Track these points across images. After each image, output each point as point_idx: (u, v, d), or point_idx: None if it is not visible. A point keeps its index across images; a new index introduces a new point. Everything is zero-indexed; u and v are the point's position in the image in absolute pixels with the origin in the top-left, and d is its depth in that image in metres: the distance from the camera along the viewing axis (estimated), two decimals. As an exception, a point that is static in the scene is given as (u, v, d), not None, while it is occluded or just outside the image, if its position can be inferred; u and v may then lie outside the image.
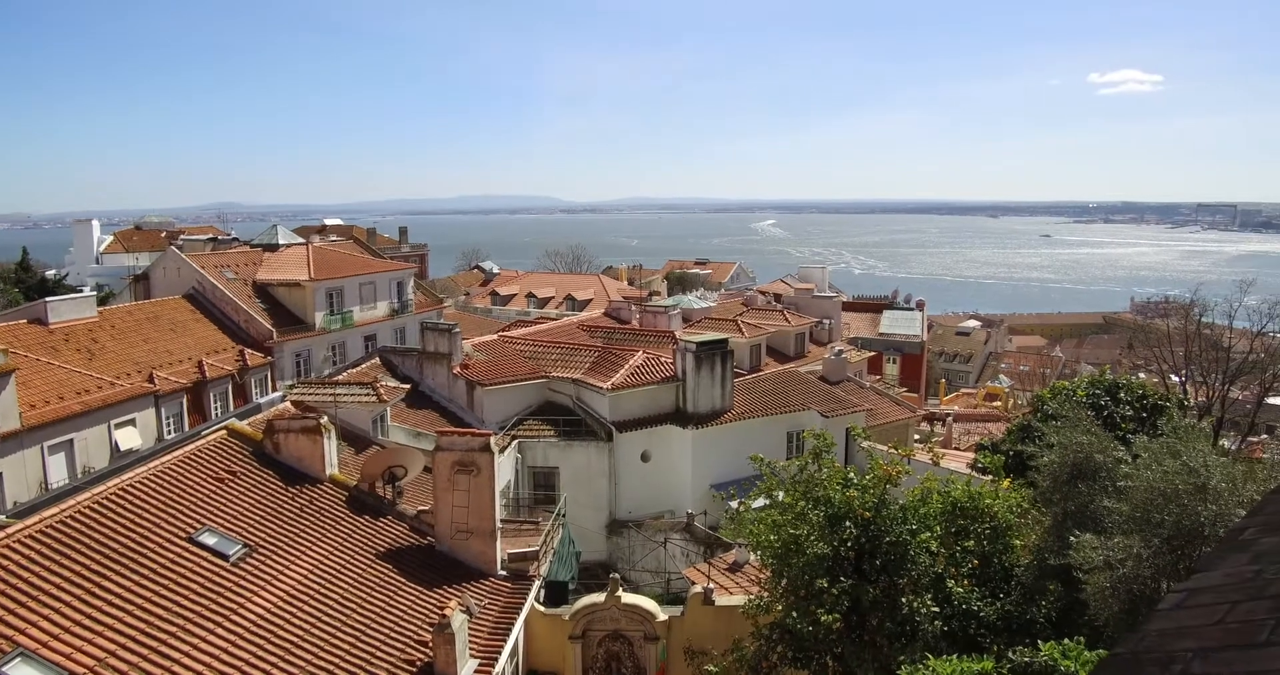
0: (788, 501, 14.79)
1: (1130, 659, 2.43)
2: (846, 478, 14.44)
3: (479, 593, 17.10)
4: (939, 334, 78.98)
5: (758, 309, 45.38)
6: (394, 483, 19.03)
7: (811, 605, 13.55)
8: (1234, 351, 39.55)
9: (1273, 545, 3.09)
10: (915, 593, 13.25)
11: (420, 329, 33.21)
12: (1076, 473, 13.00)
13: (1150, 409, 20.50)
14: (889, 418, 35.40)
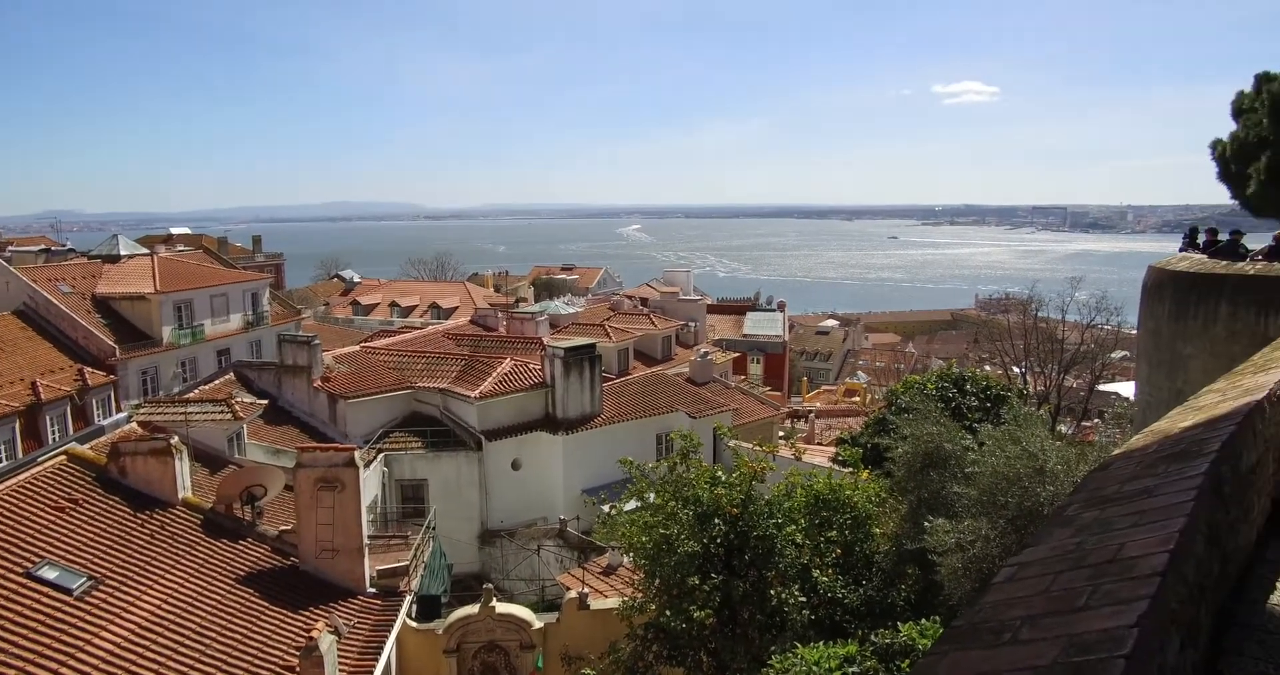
0: (658, 502, 14.99)
1: (968, 630, 2.60)
2: (714, 476, 14.75)
3: (348, 612, 16.58)
4: (800, 334, 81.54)
5: (625, 313, 45.72)
6: (253, 503, 18.23)
7: (684, 603, 13.77)
8: (1067, 343, 42.51)
9: (1092, 519, 3.37)
10: (783, 584, 13.66)
11: (277, 342, 31.95)
12: (928, 462, 13.70)
13: (994, 399, 21.81)
14: (755, 416, 36.31)
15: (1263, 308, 15.56)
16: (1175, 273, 18.13)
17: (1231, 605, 3.97)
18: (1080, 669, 2.03)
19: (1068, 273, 53.90)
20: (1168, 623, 2.37)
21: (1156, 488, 3.36)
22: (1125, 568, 2.59)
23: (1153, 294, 18.57)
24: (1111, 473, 4.11)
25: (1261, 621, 3.87)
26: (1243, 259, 18.04)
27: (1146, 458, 4.12)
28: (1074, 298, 43.39)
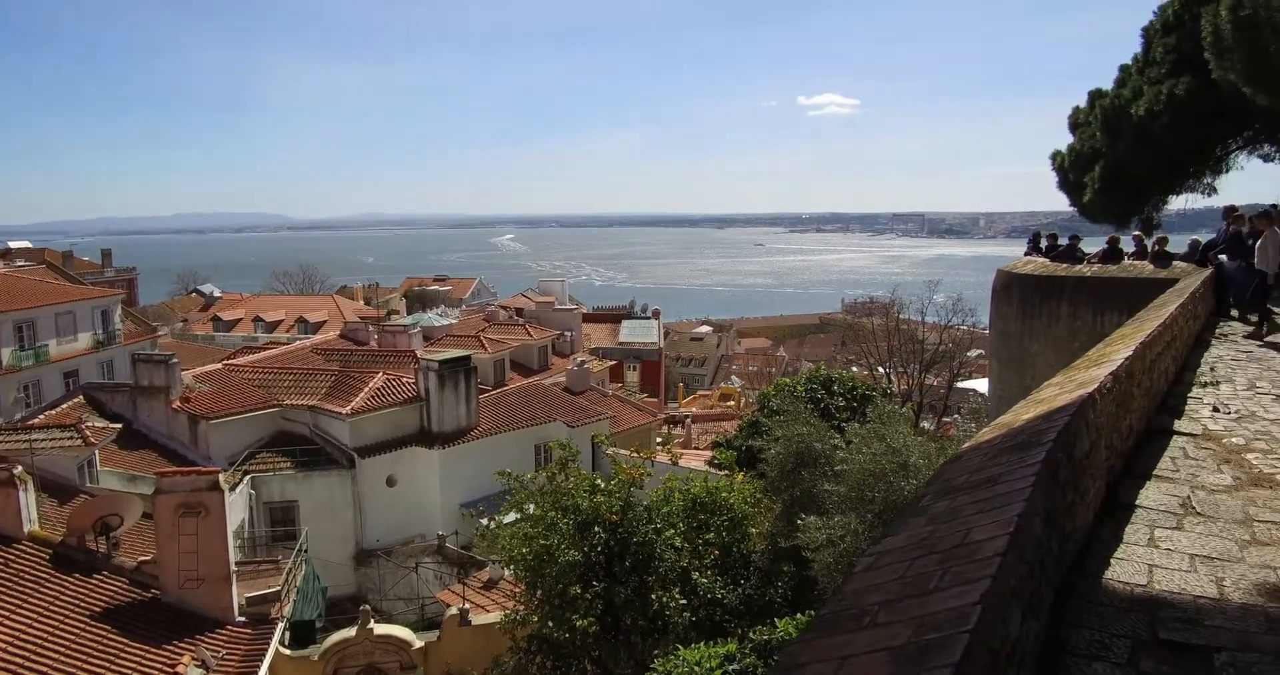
0: (538, 513, 14.94)
1: (831, 618, 2.74)
2: (593, 484, 14.80)
3: (216, 643, 15.82)
4: (675, 340, 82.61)
5: (500, 324, 45.37)
6: (108, 534, 17.18)
7: (567, 612, 13.76)
8: (927, 343, 44.62)
9: (944, 508, 3.59)
10: (664, 588, 13.82)
11: (131, 361, 30.25)
12: (799, 461, 14.14)
13: (860, 399, 22.69)
14: (632, 423, 36.60)
15: (1099, 307, 16.77)
16: (1021, 276, 19.32)
17: (1072, 580, 4.29)
18: (929, 646, 2.18)
19: (927, 276, 56.59)
20: (1009, 598, 2.56)
21: (1000, 476, 3.61)
22: (971, 551, 2.78)
23: (1001, 296, 19.76)
24: (961, 464, 4.39)
25: (1099, 595, 4.20)
26: (1081, 262, 19.41)
27: (992, 449, 4.41)
28: (932, 300, 45.64)
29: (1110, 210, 25.83)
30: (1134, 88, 25.50)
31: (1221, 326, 13.49)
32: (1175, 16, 25.27)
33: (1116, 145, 25.23)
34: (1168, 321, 8.15)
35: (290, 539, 24.40)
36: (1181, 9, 24.96)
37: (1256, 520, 5.26)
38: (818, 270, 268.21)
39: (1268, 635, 3.79)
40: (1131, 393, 6.18)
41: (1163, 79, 24.17)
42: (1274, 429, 7.50)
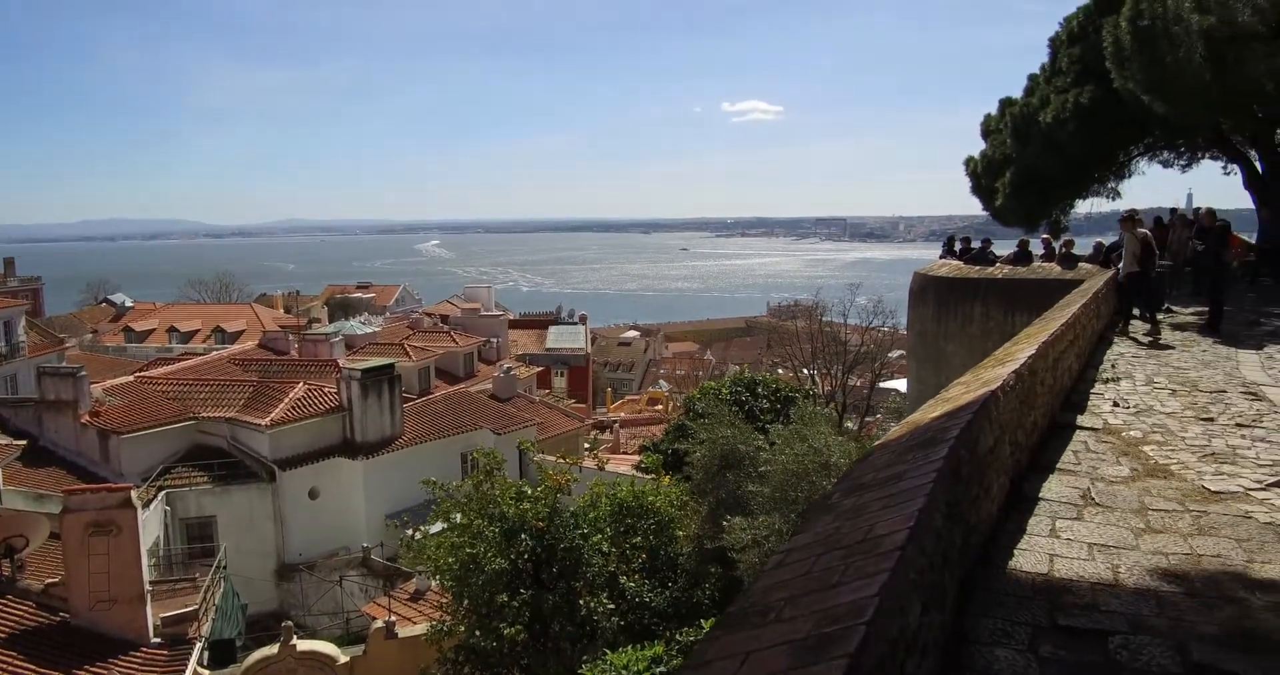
0: (464, 522, 14.79)
1: (739, 614, 2.79)
2: (519, 491, 14.72)
3: (130, 666, 15.25)
4: (603, 345, 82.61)
5: (425, 331, 44.75)
6: (12, 556, 16.43)
7: (494, 621, 13.64)
8: (850, 345, 45.46)
9: (851, 505, 3.68)
10: (592, 593, 13.80)
11: (36, 375, 29.00)
12: (724, 463, 14.29)
13: (783, 400, 23.02)
14: (560, 429, 36.46)
15: (1010, 307, 17.33)
16: (936, 278, 19.85)
17: (978, 572, 4.43)
18: (827, 638, 2.24)
19: (849, 279, 57.61)
20: (908, 591, 2.64)
21: (905, 473, 3.72)
22: (873, 545, 2.86)
23: (918, 297, 20.28)
24: (870, 462, 4.50)
25: (1002, 585, 4.35)
26: (992, 264, 20.05)
27: (900, 447, 4.53)
28: (854, 302, 46.53)
29: (1020, 214, 26.71)
30: (1042, 96, 26.41)
31: (1123, 326, 14.06)
32: (1079, 28, 26.27)
33: (1026, 151, 26.10)
34: (1070, 321, 8.47)
35: (208, 556, 23.66)
36: (1085, 21, 25.97)
37: (1151, 509, 5.51)
38: (744, 274, 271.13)
39: (1159, 618, 3.98)
40: (1035, 390, 6.41)
41: (1068, 88, 25.09)
42: (1169, 422, 7.86)
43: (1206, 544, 4.94)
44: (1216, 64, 18.31)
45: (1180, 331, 13.97)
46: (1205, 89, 18.73)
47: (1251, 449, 7.01)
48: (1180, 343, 12.82)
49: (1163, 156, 28.97)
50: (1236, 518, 5.37)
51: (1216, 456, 6.76)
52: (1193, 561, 4.67)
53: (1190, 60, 18.60)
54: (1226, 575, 4.50)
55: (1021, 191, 25.64)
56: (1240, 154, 26.63)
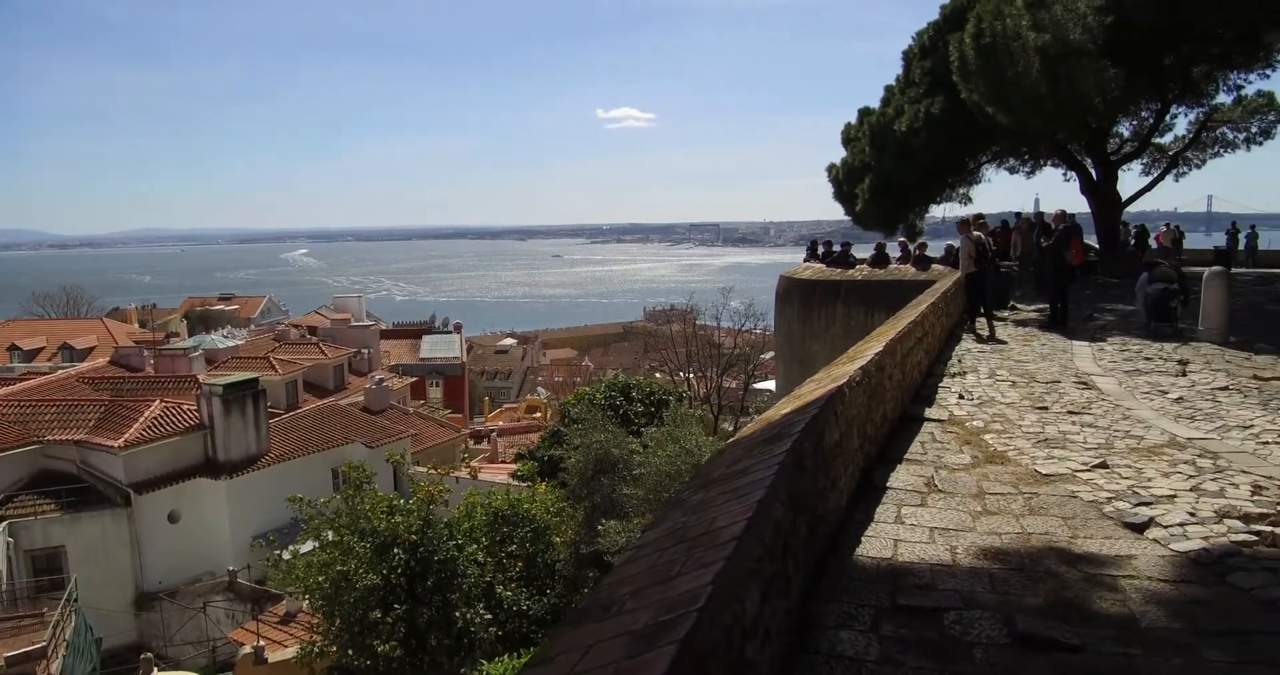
0: (335, 539, 14.39)
1: (584, 610, 2.85)
2: (391, 505, 14.43)
3: (-36, 710, 14.20)
4: (479, 354, 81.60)
5: (292, 343, 43.27)
6: None
7: (368, 638, 13.33)
8: (724, 348, 46.39)
9: (699, 500, 3.79)
10: (468, 604, 13.66)
11: None
12: (599, 468, 14.38)
13: (657, 404, 23.30)
14: (436, 440, 35.88)
15: (870, 307, 18.07)
16: (800, 281, 20.50)
17: (827, 560, 4.63)
18: (662, 626, 2.31)
19: (722, 283, 58.74)
20: (745, 579, 2.74)
21: (751, 467, 3.85)
22: (713, 537, 2.97)
23: (784, 300, 20.90)
24: (722, 458, 4.64)
25: (850, 571, 4.55)
26: (853, 267, 20.87)
27: (751, 442, 4.68)
28: (727, 306, 47.51)
29: (879, 218, 27.87)
30: (897, 106, 27.65)
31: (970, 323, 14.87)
32: (930, 43, 27.63)
33: (883, 159, 27.27)
34: (918, 319, 8.91)
35: (57, 589, 22.20)
36: (935, 36, 27.33)
37: (988, 493, 5.86)
38: (620, 280, 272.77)
39: (990, 593, 4.25)
40: (883, 385, 6.72)
41: (921, 99, 26.35)
42: (1008, 412, 8.37)
43: (1036, 523, 5.29)
44: (1051, 79, 19.58)
45: (1023, 327, 14.89)
46: (1041, 101, 19.99)
47: (1080, 434, 7.55)
48: (1023, 337, 13.67)
49: (1009, 164, 30.78)
50: (1063, 498, 5.77)
51: (1049, 442, 7.25)
52: (1023, 540, 5.00)
53: (1028, 75, 19.84)
54: (1052, 551, 4.84)
55: (879, 197, 26.77)
56: (1077, 162, 28.55)
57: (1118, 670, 3.52)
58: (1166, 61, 23.56)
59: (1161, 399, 9.11)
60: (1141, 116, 28.86)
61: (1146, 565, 4.66)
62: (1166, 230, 26.40)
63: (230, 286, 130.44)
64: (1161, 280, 14.11)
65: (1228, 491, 5.87)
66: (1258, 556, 4.76)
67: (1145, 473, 6.34)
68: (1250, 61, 25.14)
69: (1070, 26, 19.57)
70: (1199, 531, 5.12)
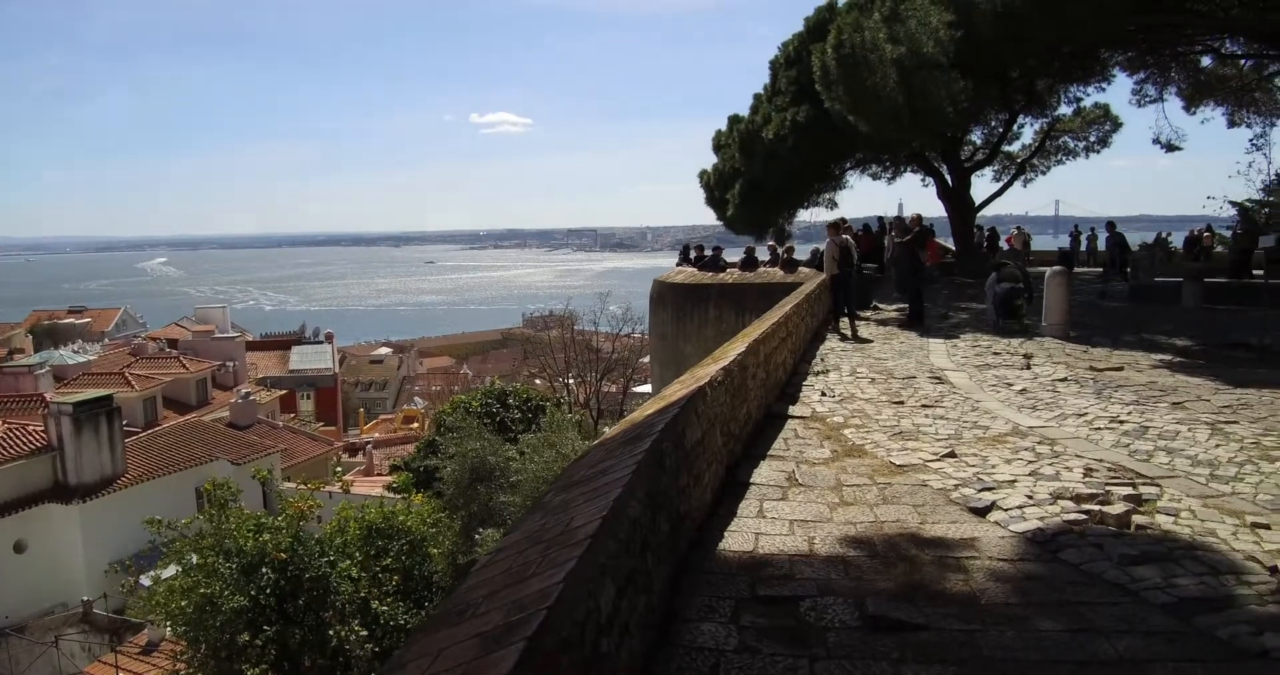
0: (199, 562, 13.74)
1: (440, 615, 2.85)
2: (258, 523, 13.88)
3: None
4: (353, 364, 79.32)
5: (150, 358, 41.10)
6: None
7: (236, 663, 12.76)
8: (603, 352, 46.55)
9: (559, 502, 3.83)
10: (343, 622, 13.25)
11: None
12: (475, 476, 14.23)
13: (534, 410, 23.22)
14: (308, 454, 34.73)
15: (740, 309, 18.51)
16: (673, 285, 20.82)
17: (690, 554, 4.73)
18: (512, 626, 2.35)
19: (600, 289, 58.96)
20: (599, 576, 2.79)
21: (611, 468, 3.92)
22: (569, 537, 3.01)
23: (658, 303, 21.19)
24: (585, 460, 4.70)
25: (712, 565, 4.67)
26: (724, 270, 21.35)
27: (613, 444, 4.76)
28: (606, 310, 47.73)
29: (749, 223, 28.54)
30: (764, 114, 28.37)
31: (834, 323, 15.43)
32: (795, 53, 28.47)
33: (752, 165, 27.92)
34: (781, 320, 9.20)
35: (-117, 630, 20.46)
36: (799, 46, 28.18)
37: (846, 485, 6.11)
38: (498, 286, 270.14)
39: (844, 580, 4.45)
40: (747, 384, 6.92)
41: (787, 107, 27.12)
42: (867, 407, 8.74)
43: (889, 512, 5.56)
44: (907, 89, 20.45)
45: (884, 326, 15.55)
46: (898, 111, 20.86)
47: (932, 426, 7.96)
48: (883, 336, 14.27)
49: (871, 170, 32.02)
50: (915, 487, 6.08)
51: (904, 435, 7.61)
52: (876, 528, 5.25)
53: (885, 85, 20.68)
54: (903, 537, 5.10)
55: (749, 202, 27.40)
56: (934, 168, 29.96)
57: (959, 645, 3.74)
58: (1013, 75, 25.02)
59: (1007, 391, 9.68)
60: (992, 126, 30.58)
61: (988, 546, 4.97)
62: (1016, 233, 28.01)
63: (81, 298, 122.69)
64: (1008, 280, 14.97)
65: (1063, 475, 6.30)
66: (1086, 533, 5.14)
67: (990, 460, 6.74)
68: (1088, 76, 27.03)
69: (923, 40, 20.48)
70: (1036, 513, 5.48)
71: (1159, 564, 4.64)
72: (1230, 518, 5.41)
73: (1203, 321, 15.84)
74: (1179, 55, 27.32)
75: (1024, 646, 3.71)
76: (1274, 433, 7.54)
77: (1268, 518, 5.42)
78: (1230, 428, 7.74)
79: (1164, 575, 4.48)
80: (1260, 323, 12.59)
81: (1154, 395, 9.26)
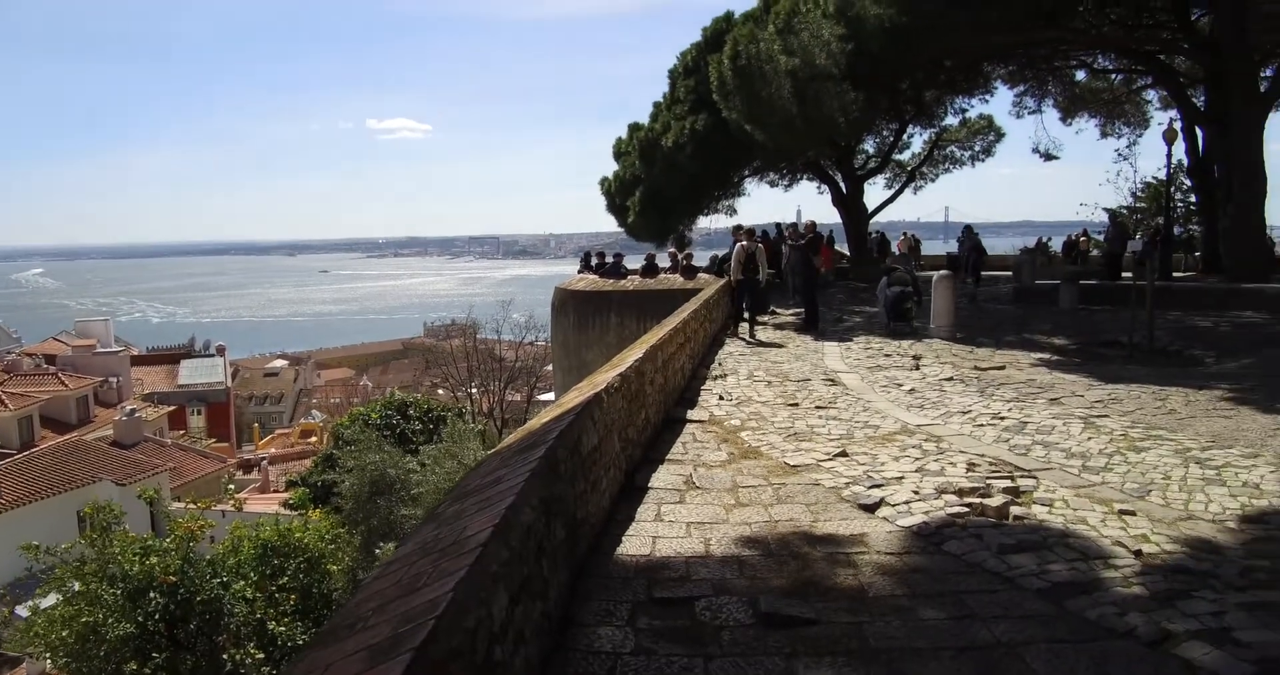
0: (81, 589, 13.08)
1: (329, 630, 2.82)
2: (145, 546, 13.30)
3: None
4: (247, 378, 76.67)
5: (25, 375, 38.87)
6: None
7: (123, 694, 12.21)
8: (507, 361, 46.22)
9: (453, 512, 3.82)
10: (238, 645, 12.81)
11: None
12: (375, 489, 13.95)
13: (436, 421, 22.88)
14: (200, 472, 33.40)
15: (641, 315, 18.65)
16: (574, 292, 20.85)
17: (588, 560, 4.77)
18: (400, 638, 2.34)
19: (503, 296, 58.52)
20: (490, 584, 2.80)
21: (505, 476, 3.93)
22: (461, 546, 3.01)
23: (559, 311, 21.18)
24: (480, 469, 4.69)
25: (610, 569, 4.72)
26: (625, 277, 21.48)
27: (509, 452, 4.76)
28: (508, 319, 47.42)
29: (650, 230, 28.79)
30: (664, 122, 28.67)
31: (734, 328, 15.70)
32: (693, 62, 28.87)
33: (652, 173, 28.18)
34: (679, 326, 9.32)
35: None
36: (697, 56, 28.59)
37: (741, 487, 6.24)
38: (399, 295, 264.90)
39: (739, 579, 4.55)
40: (644, 390, 7.00)
41: (686, 116, 27.47)
42: (764, 410, 8.93)
43: (783, 511, 5.70)
44: (800, 99, 20.99)
45: (780, 330, 15.90)
46: (793, 120, 21.39)
47: (825, 427, 8.19)
48: (780, 340, 14.60)
49: (769, 177, 32.71)
50: (808, 486, 6.25)
51: (798, 436, 7.81)
52: (770, 527, 5.38)
53: (780, 95, 21.18)
54: (796, 535, 5.24)
55: (649, 209, 27.64)
56: (829, 176, 30.79)
57: (848, 637, 3.88)
58: (902, 86, 25.93)
59: (897, 391, 10.03)
60: (883, 135, 31.63)
61: (877, 541, 5.15)
62: (905, 238, 28.98)
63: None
64: (898, 284, 15.51)
65: (947, 470, 6.57)
66: (968, 525, 5.38)
67: (879, 458, 6.97)
68: (972, 88, 28.24)
69: (816, 52, 21.06)
70: (921, 507, 5.71)
71: (1034, 552, 4.89)
72: (1100, 506, 5.74)
73: (1078, 321, 16.71)
74: (1055, 70, 28.81)
75: (909, 635, 3.87)
76: (1141, 425, 8.01)
77: (1133, 505, 5.77)
78: (1101, 421, 8.19)
79: (1039, 562, 4.73)
80: (1130, 322, 13.35)
81: (1033, 392, 9.73)
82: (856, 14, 20.05)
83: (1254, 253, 20.93)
